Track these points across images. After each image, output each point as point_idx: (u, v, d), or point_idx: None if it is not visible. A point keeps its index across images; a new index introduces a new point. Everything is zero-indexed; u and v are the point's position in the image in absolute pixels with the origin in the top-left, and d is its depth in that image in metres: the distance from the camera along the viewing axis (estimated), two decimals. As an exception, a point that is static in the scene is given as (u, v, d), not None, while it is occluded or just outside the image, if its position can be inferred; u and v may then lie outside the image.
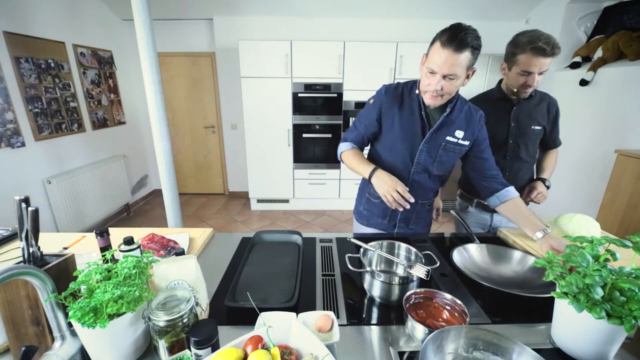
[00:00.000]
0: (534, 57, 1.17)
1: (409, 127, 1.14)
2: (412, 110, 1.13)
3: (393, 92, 1.15)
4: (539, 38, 1.15)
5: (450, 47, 0.92)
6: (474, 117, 1.14)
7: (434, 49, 0.97)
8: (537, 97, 1.36)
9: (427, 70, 1.01)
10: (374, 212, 1.32)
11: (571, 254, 0.70)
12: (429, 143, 1.14)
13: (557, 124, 1.42)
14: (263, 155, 3.65)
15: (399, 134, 1.15)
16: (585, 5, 3.00)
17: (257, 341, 0.61)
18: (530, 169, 1.47)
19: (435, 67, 0.97)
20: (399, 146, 1.16)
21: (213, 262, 1.06)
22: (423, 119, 1.12)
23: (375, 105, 1.17)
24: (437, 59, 0.95)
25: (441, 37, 0.94)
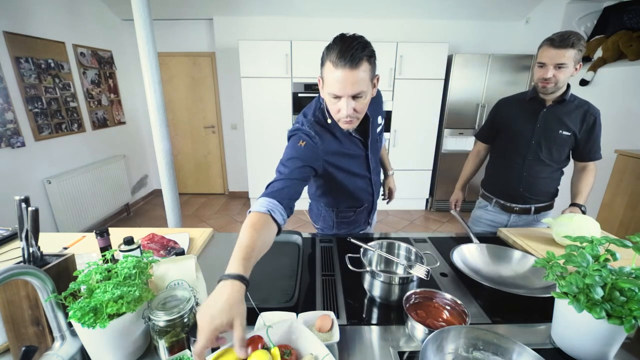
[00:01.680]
0: (547, 48, 1.20)
1: (353, 149, 1.09)
2: (344, 136, 1.05)
3: (319, 127, 1.01)
4: (559, 33, 1.19)
5: (345, 66, 0.80)
6: (377, 99, 1.11)
7: (327, 71, 0.85)
8: (575, 103, 1.32)
9: (330, 96, 0.88)
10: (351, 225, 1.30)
11: (571, 254, 0.70)
12: (372, 148, 1.14)
13: (595, 135, 1.32)
14: (263, 156, 3.65)
15: (351, 164, 1.11)
16: (585, 5, 3.00)
17: (257, 341, 0.61)
18: (554, 175, 1.42)
19: (336, 90, 0.85)
20: (354, 170, 1.13)
21: (213, 262, 1.06)
22: (357, 137, 1.08)
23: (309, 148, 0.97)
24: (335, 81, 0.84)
25: (329, 56, 0.83)
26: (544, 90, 1.28)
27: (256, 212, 0.79)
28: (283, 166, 0.94)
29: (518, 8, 3.45)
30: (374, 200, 1.28)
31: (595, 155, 1.37)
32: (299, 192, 0.92)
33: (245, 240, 0.71)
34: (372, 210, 1.32)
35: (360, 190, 1.21)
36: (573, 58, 1.18)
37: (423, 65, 3.37)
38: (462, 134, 3.58)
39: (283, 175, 0.90)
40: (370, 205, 1.29)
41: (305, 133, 0.99)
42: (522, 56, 3.33)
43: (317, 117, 1.02)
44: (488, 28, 3.69)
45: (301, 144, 0.97)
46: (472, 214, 1.67)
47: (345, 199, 1.22)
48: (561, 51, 1.17)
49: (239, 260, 0.67)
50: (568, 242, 0.85)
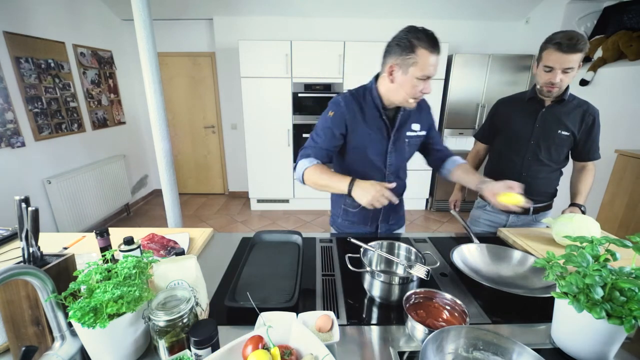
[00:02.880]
0: (555, 52, 1.17)
1: (375, 133, 1.13)
2: (372, 115, 1.12)
3: (351, 102, 1.12)
4: (565, 35, 1.15)
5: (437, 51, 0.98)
6: (423, 106, 1.20)
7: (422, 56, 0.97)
8: (574, 103, 1.31)
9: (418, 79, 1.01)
10: (355, 221, 1.30)
11: (571, 254, 0.70)
12: (395, 143, 1.16)
13: (594, 135, 1.33)
14: (263, 155, 3.65)
15: (368, 142, 1.14)
16: (585, 5, 3.00)
17: (257, 341, 0.61)
18: (553, 175, 1.41)
19: (432, 72, 1.00)
20: (369, 153, 1.15)
21: (213, 262, 1.06)
22: (385, 121, 1.13)
23: (336, 117, 1.11)
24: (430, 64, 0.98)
25: (422, 43, 0.96)
26: (549, 94, 1.27)
27: (312, 165, 1.09)
28: (316, 134, 1.14)
29: (518, 8, 3.45)
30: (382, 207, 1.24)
31: (594, 155, 1.37)
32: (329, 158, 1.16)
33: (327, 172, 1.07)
34: (379, 215, 1.28)
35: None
36: (578, 61, 1.17)
37: (423, 65, 3.36)
38: (462, 134, 3.58)
39: (315, 144, 1.13)
40: (379, 209, 1.25)
41: (335, 102, 1.13)
42: (522, 56, 3.33)
43: (357, 92, 1.15)
44: (488, 28, 3.69)
45: (330, 114, 1.12)
46: (470, 214, 1.67)
47: None
48: (570, 56, 1.15)
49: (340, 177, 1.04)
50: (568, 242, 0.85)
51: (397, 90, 1.05)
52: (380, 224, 1.31)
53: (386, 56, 1.05)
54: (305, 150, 1.14)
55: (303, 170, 1.09)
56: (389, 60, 1.03)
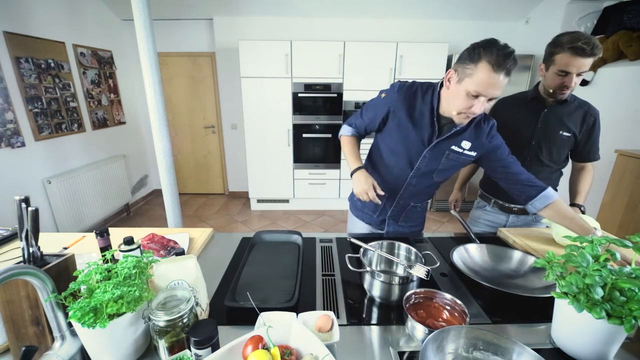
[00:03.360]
0: (573, 57, 1.13)
1: (415, 132, 1.08)
2: (422, 114, 1.07)
3: (406, 92, 1.08)
4: (579, 38, 1.12)
5: (503, 71, 0.86)
6: (484, 127, 1.09)
7: (482, 70, 0.87)
8: (575, 103, 1.31)
9: (471, 93, 0.91)
10: (366, 204, 1.33)
11: (571, 254, 0.70)
12: (433, 150, 1.10)
13: (594, 136, 1.32)
14: (263, 155, 3.65)
15: (404, 137, 1.10)
16: (585, 5, 3.00)
17: (257, 341, 0.61)
18: (552, 176, 1.41)
19: (484, 90, 0.89)
20: (400, 149, 1.13)
21: (213, 262, 1.06)
22: (434, 125, 1.06)
23: (385, 101, 1.11)
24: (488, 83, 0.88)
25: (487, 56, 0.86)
26: (562, 96, 1.26)
27: (346, 136, 1.26)
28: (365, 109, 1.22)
29: (518, 8, 3.45)
30: (393, 202, 1.24)
31: (594, 155, 1.37)
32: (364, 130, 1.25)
33: (351, 149, 1.22)
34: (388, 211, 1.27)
35: (392, 177, 1.20)
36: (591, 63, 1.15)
37: (423, 65, 3.37)
38: (462, 134, 3.57)
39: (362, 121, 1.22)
40: (389, 205, 1.25)
41: (392, 86, 1.13)
42: (522, 56, 3.33)
43: (421, 86, 1.10)
44: (488, 28, 3.69)
45: (382, 96, 1.15)
46: (470, 214, 1.67)
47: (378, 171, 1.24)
48: (587, 60, 1.13)
49: (355, 160, 1.18)
50: (568, 242, 0.85)
51: (447, 99, 1.00)
52: (388, 219, 1.30)
53: (457, 59, 0.97)
54: (351, 119, 1.26)
55: (340, 135, 1.28)
56: (455, 64, 0.97)
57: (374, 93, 1.21)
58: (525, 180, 1.11)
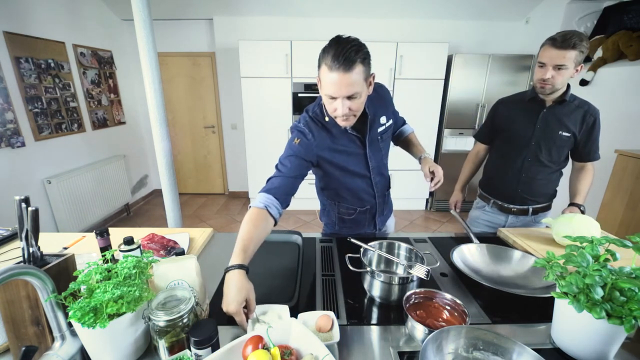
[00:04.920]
0: (547, 48, 1.18)
1: (350, 148, 1.10)
2: (340, 134, 1.07)
3: (316, 128, 1.06)
4: (561, 32, 1.17)
5: (339, 69, 0.84)
6: (382, 94, 1.14)
7: (323, 73, 0.88)
8: (575, 103, 1.31)
9: (326, 97, 0.92)
10: (352, 225, 1.30)
11: (571, 254, 0.70)
12: (371, 146, 1.12)
13: (594, 136, 1.32)
14: (263, 156, 3.65)
15: (346, 158, 1.11)
16: (585, 5, 3.00)
17: (257, 341, 0.61)
18: (552, 176, 1.41)
19: (332, 92, 0.89)
20: (350, 166, 1.13)
21: (213, 262, 1.06)
22: (355, 134, 1.08)
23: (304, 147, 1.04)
24: (330, 84, 0.87)
25: (325, 59, 0.86)
26: (542, 91, 1.27)
27: (255, 208, 0.93)
28: (281, 164, 1.03)
29: (518, 8, 3.45)
30: (377, 203, 1.25)
31: (594, 155, 1.37)
32: (295, 187, 1.03)
33: (243, 234, 0.86)
34: (376, 213, 1.28)
35: (360, 190, 1.20)
36: (574, 59, 1.16)
37: (423, 65, 3.37)
38: (462, 134, 3.58)
39: (280, 173, 1.01)
40: (374, 208, 1.26)
41: (300, 130, 1.06)
42: (522, 56, 3.33)
43: (315, 114, 1.08)
44: (488, 28, 3.69)
45: (296, 142, 1.05)
46: (469, 214, 1.67)
47: (346, 196, 1.22)
48: (562, 52, 1.15)
49: (238, 252, 0.82)
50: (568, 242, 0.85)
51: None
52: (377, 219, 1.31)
53: None
54: (271, 181, 1.01)
55: (250, 206, 0.96)
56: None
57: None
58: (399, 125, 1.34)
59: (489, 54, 3.32)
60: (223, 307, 0.73)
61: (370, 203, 1.24)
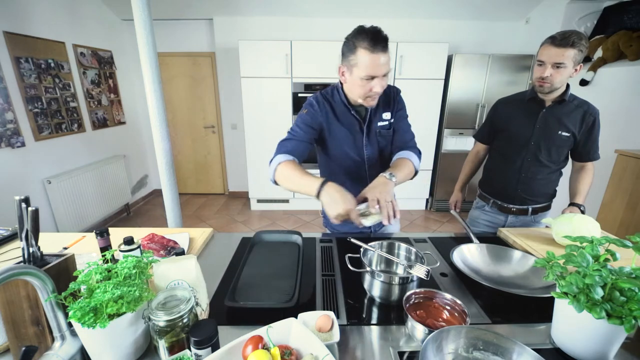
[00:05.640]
0: (548, 46, 1.19)
1: (348, 129, 1.16)
2: (343, 112, 1.15)
3: (323, 102, 1.16)
4: (561, 31, 1.18)
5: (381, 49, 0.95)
6: (390, 94, 1.19)
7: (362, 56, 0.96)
8: (575, 103, 1.31)
9: (363, 79, 1.00)
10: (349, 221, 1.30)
11: (571, 254, 0.70)
12: (369, 136, 1.18)
13: (594, 135, 1.32)
14: (263, 155, 3.64)
15: (344, 138, 1.17)
16: (585, 5, 3.00)
17: (257, 341, 0.61)
18: (552, 176, 1.41)
19: (373, 72, 0.97)
20: (347, 149, 1.18)
21: (213, 262, 1.06)
22: (354, 116, 1.15)
23: (310, 115, 1.14)
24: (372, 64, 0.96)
25: (362, 43, 0.95)
26: (541, 90, 1.27)
27: (286, 161, 1.05)
28: (292, 130, 1.13)
29: (518, 8, 3.45)
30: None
31: (594, 155, 1.37)
32: (306, 152, 1.13)
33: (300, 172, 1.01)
34: None
35: (353, 175, 1.22)
36: (572, 58, 1.16)
37: (423, 65, 3.37)
38: (462, 134, 3.58)
39: (293, 136, 1.11)
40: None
41: (309, 103, 1.17)
42: (522, 56, 3.33)
43: (327, 92, 1.19)
44: (488, 28, 3.69)
45: (304, 112, 1.15)
46: (469, 214, 1.67)
47: (338, 177, 1.23)
48: (561, 50, 1.15)
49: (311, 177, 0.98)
50: (568, 242, 0.85)
51: (351, 90, 1.09)
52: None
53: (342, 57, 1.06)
54: (284, 143, 1.10)
55: (277, 165, 1.04)
56: (341, 63, 1.06)
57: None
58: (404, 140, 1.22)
59: (489, 54, 3.33)
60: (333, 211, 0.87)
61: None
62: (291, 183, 1.01)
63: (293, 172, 1.01)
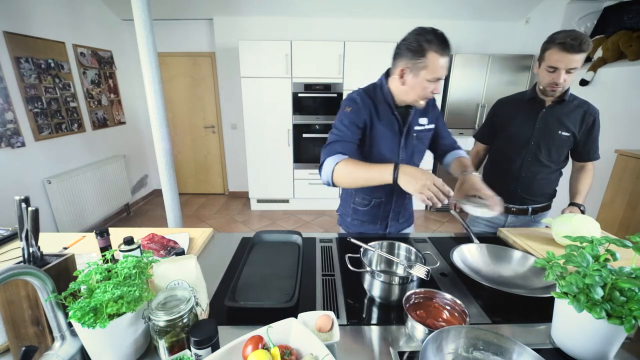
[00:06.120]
0: (561, 53, 1.15)
1: (387, 129, 1.15)
2: (385, 111, 1.14)
3: (365, 99, 1.14)
4: (568, 34, 1.14)
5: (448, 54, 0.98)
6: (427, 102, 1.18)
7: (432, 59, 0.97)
8: (575, 103, 1.31)
9: (428, 82, 1.01)
10: (365, 220, 1.31)
11: (571, 254, 0.70)
12: (407, 138, 1.18)
13: (594, 135, 1.33)
14: (263, 155, 3.65)
15: (382, 138, 1.15)
16: (585, 5, 3.00)
17: (257, 341, 0.61)
18: (552, 176, 1.41)
19: (441, 74, 1.00)
20: (382, 149, 1.16)
21: (213, 262, 1.06)
22: (396, 117, 1.15)
23: (354, 112, 1.11)
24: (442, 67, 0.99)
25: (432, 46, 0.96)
26: (553, 94, 1.26)
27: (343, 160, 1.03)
28: (337, 130, 1.11)
29: (518, 8, 3.45)
30: (393, 201, 1.25)
31: (594, 155, 1.37)
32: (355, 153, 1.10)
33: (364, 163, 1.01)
34: (390, 213, 1.27)
35: None
36: (582, 61, 1.16)
37: (423, 65, 3.36)
38: (462, 134, 3.58)
39: (340, 137, 1.08)
40: (389, 206, 1.26)
41: (351, 99, 1.14)
42: (522, 56, 3.33)
43: (368, 89, 1.17)
44: (488, 28, 3.69)
45: (347, 110, 1.12)
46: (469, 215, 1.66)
47: None
48: (574, 56, 1.14)
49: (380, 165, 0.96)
50: (568, 242, 0.85)
51: (407, 91, 1.07)
52: (390, 221, 1.30)
53: (396, 58, 1.05)
54: (331, 146, 1.07)
55: (333, 167, 1.02)
56: (399, 63, 1.04)
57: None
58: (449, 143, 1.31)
59: (489, 54, 3.33)
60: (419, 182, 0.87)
61: (385, 196, 1.24)
62: (356, 176, 1.00)
63: (357, 165, 1.00)
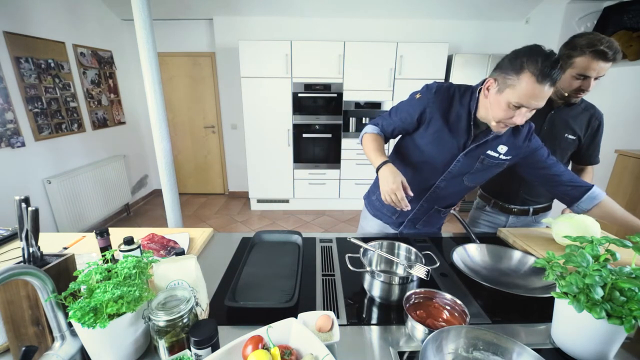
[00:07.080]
0: (593, 61, 1.08)
1: (451, 136, 1.04)
2: (459, 118, 1.03)
3: (444, 94, 1.04)
4: (600, 41, 1.07)
5: (548, 82, 0.82)
6: (522, 130, 1.06)
7: (525, 81, 0.83)
8: (582, 106, 1.29)
9: (512, 104, 0.87)
10: (385, 205, 1.29)
11: (571, 254, 0.70)
12: (467, 155, 1.06)
13: (597, 139, 1.30)
14: (263, 155, 3.65)
15: (438, 140, 1.06)
16: (585, 5, 3.00)
17: (257, 341, 0.61)
18: None
19: (527, 102, 0.85)
20: (433, 151, 1.08)
21: (213, 262, 1.06)
22: (470, 131, 1.02)
23: (420, 102, 1.05)
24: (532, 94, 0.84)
25: (531, 66, 0.82)
26: (575, 100, 1.23)
27: (372, 133, 1.16)
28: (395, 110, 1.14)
29: (518, 8, 3.45)
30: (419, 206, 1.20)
31: (595, 159, 1.37)
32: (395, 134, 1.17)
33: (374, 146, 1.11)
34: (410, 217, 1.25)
35: (420, 179, 1.14)
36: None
37: (423, 65, 3.37)
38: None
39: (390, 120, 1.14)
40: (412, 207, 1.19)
41: (428, 87, 1.07)
42: (522, 56, 3.32)
43: (459, 88, 1.05)
44: (488, 28, 3.69)
45: (417, 96, 1.09)
46: (470, 215, 1.66)
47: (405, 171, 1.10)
48: (608, 64, 1.10)
49: (379, 155, 1.07)
50: (568, 242, 0.85)
51: (487, 107, 0.96)
52: (406, 221, 1.28)
53: (496, 67, 0.94)
54: (377, 119, 1.19)
55: (364, 133, 1.18)
56: (494, 73, 0.93)
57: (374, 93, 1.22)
58: (567, 181, 1.09)
59: (489, 54, 3.32)
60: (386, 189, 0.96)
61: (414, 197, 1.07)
62: (367, 150, 1.13)
63: (371, 143, 1.12)
